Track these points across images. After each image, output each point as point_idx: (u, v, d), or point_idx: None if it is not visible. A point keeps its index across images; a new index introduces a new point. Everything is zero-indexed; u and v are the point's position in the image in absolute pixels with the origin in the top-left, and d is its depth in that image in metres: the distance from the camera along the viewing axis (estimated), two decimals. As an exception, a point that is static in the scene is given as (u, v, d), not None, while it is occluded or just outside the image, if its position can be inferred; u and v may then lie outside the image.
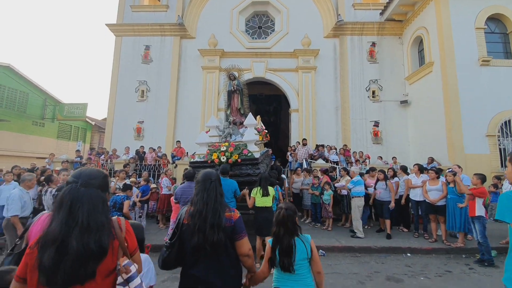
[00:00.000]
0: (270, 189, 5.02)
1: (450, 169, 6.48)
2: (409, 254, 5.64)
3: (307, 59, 13.63)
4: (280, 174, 8.05)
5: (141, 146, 11.73)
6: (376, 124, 13.15)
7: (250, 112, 7.67)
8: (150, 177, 8.81)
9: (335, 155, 10.73)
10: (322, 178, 7.83)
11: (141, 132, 13.52)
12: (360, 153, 11.35)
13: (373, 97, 13.39)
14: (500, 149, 9.98)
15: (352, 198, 6.77)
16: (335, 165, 9.92)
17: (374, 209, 7.53)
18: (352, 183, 6.74)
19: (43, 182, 5.00)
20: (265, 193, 4.88)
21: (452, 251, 5.70)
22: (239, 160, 6.04)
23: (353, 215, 6.72)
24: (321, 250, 5.65)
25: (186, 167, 8.93)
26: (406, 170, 7.49)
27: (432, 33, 11.31)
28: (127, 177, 7.27)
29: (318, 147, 11.16)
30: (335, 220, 7.83)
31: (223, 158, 6.04)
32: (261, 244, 4.70)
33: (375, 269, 4.82)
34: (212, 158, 6.12)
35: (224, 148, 6.18)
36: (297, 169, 9.14)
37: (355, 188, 6.70)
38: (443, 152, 10.38)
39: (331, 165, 9.72)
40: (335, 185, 7.76)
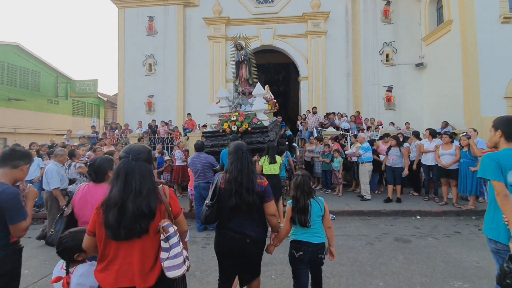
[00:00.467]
0: (278, 158, 5.25)
1: (465, 133, 6.34)
2: (419, 217, 5.76)
3: (317, 23, 12.99)
4: (292, 143, 8.15)
5: (153, 120, 11.93)
6: (389, 90, 12.75)
7: (259, 82, 7.64)
8: (164, 150, 9.07)
9: (346, 123, 10.61)
10: (333, 146, 7.86)
11: (152, 106, 13.67)
12: (372, 120, 11.17)
13: (387, 61, 12.83)
14: (519, 111, 9.59)
15: (362, 164, 6.83)
16: (346, 133, 9.86)
17: (386, 175, 7.56)
18: (362, 149, 6.77)
19: (67, 157, 5.30)
20: (272, 161, 5.11)
21: (462, 213, 5.78)
22: (250, 129, 6.35)
23: (361, 179, 6.86)
24: (332, 214, 5.84)
25: (198, 139, 9.14)
26: (419, 136, 7.37)
27: (452, -12, 10.45)
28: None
29: (329, 115, 11.03)
30: (345, 186, 7.99)
31: (234, 127, 6.33)
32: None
33: (384, 231, 4.99)
34: (224, 128, 6.42)
35: (235, 118, 6.44)
36: (310, 138, 9.19)
37: (365, 154, 6.75)
38: (459, 116, 10.08)
39: (341, 133, 9.66)
40: (346, 152, 7.80)
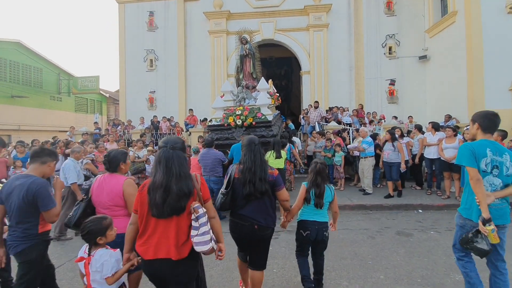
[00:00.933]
0: (282, 152, 5.49)
1: (468, 127, 6.29)
2: (421, 211, 5.76)
3: (319, 16, 12.84)
4: (292, 137, 8.18)
5: (154, 116, 11.94)
6: (392, 83, 12.63)
7: (263, 77, 7.68)
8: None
9: (348, 117, 10.56)
10: (334, 140, 7.84)
11: (154, 102, 13.68)
12: (374, 114, 11.10)
13: (390, 54, 12.68)
14: (524, 104, 9.47)
15: (365, 158, 6.80)
16: (348, 127, 9.82)
17: (384, 170, 7.53)
18: (366, 143, 6.75)
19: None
20: (278, 156, 5.35)
21: (465, 207, 5.76)
22: (254, 123, 6.54)
23: (364, 174, 6.86)
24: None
25: (200, 134, 9.17)
26: (421, 129, 7.31)
27: (457, -22, 10.25)
28: (145, 147, 7.54)
29: (332, 109, 10.98)
30: (347, 180, 7.99)
31: (239, 121, 6.54)
32: None
33: (386, 225, 5.00)
34: (229, 122, 6.62)
35: (239, 112, 6.63)
36: (312, 133, 9.18)
37: (368, 149, 6.74)
38: (463, 109, 9.99)
39: (343, 127, 9.63)
40: (348, 147, 7.78)
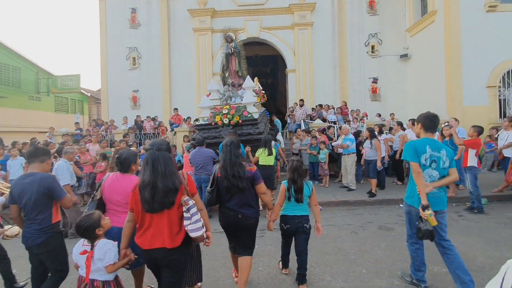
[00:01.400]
0: (273, 150, 5.73)
1: (446, 123, 6.50)
2: (401, 205, 5.89)
3: (303, 14, 12.93)
4: (276, 135, 8.23)
5: (138, 116, 11.70)
6: (375, 81, 12.90)
7: (248, 75, 7.70)
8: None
9: (333, 115, 10.70)
10: (320, 138, 7.92)
11: (137, 101, 13.41)
12: (358, 111, 11.30)
13: (372, 52, 12.95)
14: (500, 100, 9.89)
15: (348, 155, 6.89)
16: (333, 125, 9.95)
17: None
18: (348, 141, 6.84)
19: (55, 154, 5.26)
20: (269, 153, 5.56)
21: (444, 201, 5.96)
22: (240, 121, 6.61)
23: (348, 170, 6.96)
24: (320, 207, 5.92)
25: (185, 134, 9.06)
26: (402, 125, 7.50)
27: (436, -22, 10.56)
28: (128, 147, 7.37)
29: (322, 107, 11.11)
30: (333, 177, 8.10)
31: (226, 120, 6.59)
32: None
33: (368, 220, 5.10)
34: (216, 121, 6.68)
35: (226, 111, 6.66)
36: (297, 131, 9.23)
37: (350, 146, 6.83)
38: (442, 106, 10.32)
39: (328, 125, 9.75)
40: (332, 144, 7.88)
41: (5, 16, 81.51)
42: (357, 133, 7.73)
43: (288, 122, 11.49)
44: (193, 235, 2.04)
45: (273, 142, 6.50)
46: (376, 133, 6.86)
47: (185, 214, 2.04)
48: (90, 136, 8.79)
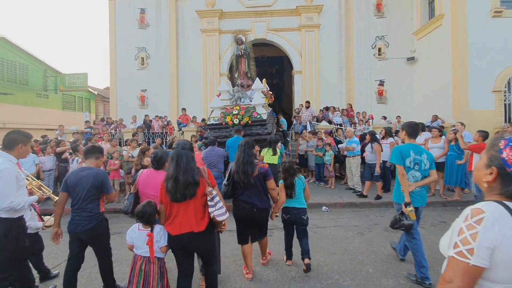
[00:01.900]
0: (277, 150, 6.02)
1: (454, 128, 6.59)
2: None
3: (310, 17, 13.02)
4: (286, 138, 8.42)
5: (146, 115, 11.87)
6: (381, 83, 12.96)
7: (257, 77, 7.99)
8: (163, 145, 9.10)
9: (339, 117, 10.78)
10: (326, 140, 8.02)
11: (145, 101, 13.60)
12: (364, 114, 11.37)
13: (379, 55, 13.00)
14: (506, 105, 9.91)
15: (353, 157, 7.00)
16: (339, 127, 10.03)
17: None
18: (354, 143, 6.94)
19: (70, 151, 5.44)
20: (274, 153, 5.88)
21: (449, 204, 6.05)
22: (250, 122, 6.90)
23: (353, 172, 7.07)
24: (325, 207, 6.04)
25: (193, 133, 9.21)
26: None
27: (444, -17, 10.60)
28: (138, 146, 7.53)
29: (328, 109, 11.20)
30: (339, 179, 8.19)
31: (236, 120, 6.87)
32: None
33: (374, 222, 5.20)
34: (226, 121, 6.98)
35: (236, 112, 6.95)
36: (303, 132, 9.35)
37: (356, 148, 6.94)
38: (448, 109, 10.36)
39: (334, 127, 9.84)
40: (338, 146, 7.98)
41: (14, 15, 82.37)
42: (363, 136, 7.81)
43: (294, 124, 11.59)
44: (220, 219, 2.37)
45: (280, 144, 6.76)
46: (383, 137, 6.95)
47: (210, 203, 2.37)
48: (104, 135, 8.74)
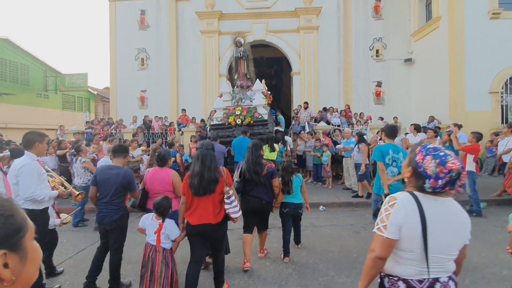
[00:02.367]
0: (276, 146, 6.46)
1: (449, 130, 6.70)
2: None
3: (309, 18, 13.14)
4: (284, 137, 8.60)
5: (146, 116, 11.96)
6: (379, 85, 13.08)
7: (258, 79, 8.19)
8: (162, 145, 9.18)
9: (337, 118, 10.87)
10: (324, 140, 8.13)
11: (145, 101, 13.70)
12: (362, 115, 11.48)
13: (377, 56, 13.13)
14: (502, 106, 10.04)
15: (350, 157, 7.11)
16: (337, 127, 10.13)
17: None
18: (352, 144, 7.06)
19: (74, 152, 5.57)
20: (272, 149, 6.23)
21: (444, 204, 6.15)
22: (252, 122, 7.30)
23: (350, 173, 7.20)
24: (322, 206, 6.15)
25: (192, 134, 9.32)
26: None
27: (441, -15, 10.73)
28: (138, 146, 7.63)
29: (327, 110, 11.30)
30: (336, 179, 8.31)
31: (239, 121, 7.27)
32: None
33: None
34: (229, 121, 7.38)
35: (239, 112, 7.35)
36: (301, 133, 9.45)
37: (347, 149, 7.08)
38: (445, 110, 10.49)
39: (332, 127, 9.95)
40: (336, 147, 8.09)
41: (15, 15, 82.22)
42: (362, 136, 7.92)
43: (293, 124, 11.70)
44: (233, 216, 2.75)
45: (280, 143, 7.01)
46: (380, 138, 7.03)
47: (226, 201, 2.73)
48: (109, 136, 8.64)
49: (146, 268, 2.69)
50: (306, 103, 11.43)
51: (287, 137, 8.99)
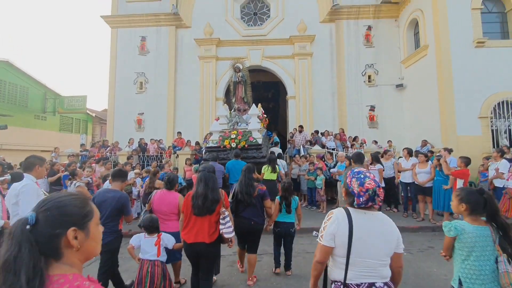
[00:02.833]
0: (277, 167, 6.68)
1: (439, 154, 6.78)
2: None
3: (303, 45, 13.66)
4: (276, 160, 8.65)
5: (141, 138, 12.02)
6: (372, 109, 13.36)
7: (254, 104, 8.46)
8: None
9: (332, 142, 10.98)
10: (317, 164, 8.17)
11: (142, 124, 13.82)
12: (356, 138, 11.61)
13: (369, 82, 13.52)
14: (492, 130, 10.21)
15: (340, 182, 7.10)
16: (332, 151, 10.22)
17: None
18: (345, 167, 7.08)
19: (70, 176, 5.56)
20: (273, 171, 6.45)
21: (438, 229, 6.09)
22: (246, 146, 7.40)
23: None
24: (315, 232, 6.04)
25: (187, 157, 9.33)
26: (379, 160, 7.28)
27: (428, 15, 11.30)
28: (132, 169, 7.61)
29: (323, 134, 11.42)
30: (331, 203, 8.25)
31: (233, 144, 7.41)
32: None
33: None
34: (224, 144, 7.50)
35: (234, 136, 7.50)
36: (295, 156, 9.50)
37: (341, 172, 7.07)
38: (437, 135, 10.65)
39: (327, 151, 10.02)
40: (330, 171, 8.11)
41: (16, 37, 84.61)
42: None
43: (288, 147, 11.78)
44: (227, 236, 2.87)
45: (279, 161, 7.24)
46: (371, 162, 6.97)
47: (221, 221, 2.87)
48: (104, 161, 8.56)
49: (144, 284, 2.80)
50: (301, 127, 11.59)
51: (281, 161, 8.99)
